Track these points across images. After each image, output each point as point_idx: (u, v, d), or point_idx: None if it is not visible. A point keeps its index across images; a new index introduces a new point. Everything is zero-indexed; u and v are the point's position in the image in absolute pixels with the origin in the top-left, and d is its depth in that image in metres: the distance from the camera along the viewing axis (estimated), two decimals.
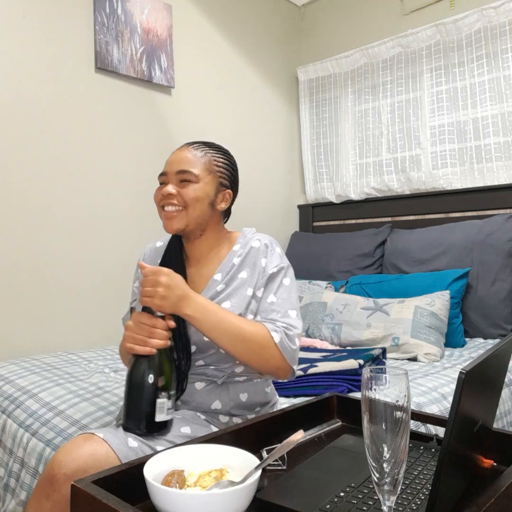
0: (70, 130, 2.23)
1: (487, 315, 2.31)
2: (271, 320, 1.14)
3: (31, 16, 2.10)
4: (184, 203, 1.17)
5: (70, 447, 0.95)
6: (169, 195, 1.17)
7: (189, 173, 1.17)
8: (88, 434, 0.98)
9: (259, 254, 1.20)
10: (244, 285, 1.18)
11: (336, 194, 3.12)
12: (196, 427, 1.10)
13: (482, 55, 2.55)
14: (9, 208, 2.05)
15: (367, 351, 1.81)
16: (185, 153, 1.20)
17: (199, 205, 1.18)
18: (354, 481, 0.81)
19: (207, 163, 1.20)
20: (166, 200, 1.18)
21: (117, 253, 2.37)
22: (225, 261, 1.22)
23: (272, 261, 1.20)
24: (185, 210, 1.17)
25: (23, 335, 2.08)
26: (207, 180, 1.19)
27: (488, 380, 0.77)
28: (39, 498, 0.93)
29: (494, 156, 2.53)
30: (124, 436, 0.99)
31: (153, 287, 1.02)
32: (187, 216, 1.17)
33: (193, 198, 1.17)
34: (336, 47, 3.16)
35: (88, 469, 0.91)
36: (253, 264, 1.20)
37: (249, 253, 1.21)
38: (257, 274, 1.19)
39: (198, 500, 0.68)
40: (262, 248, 1.21)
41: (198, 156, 1.19)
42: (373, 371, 0.64)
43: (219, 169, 1.21)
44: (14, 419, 1.50)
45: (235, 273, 1.20)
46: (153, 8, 2.48)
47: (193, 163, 1.18)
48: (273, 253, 1.21)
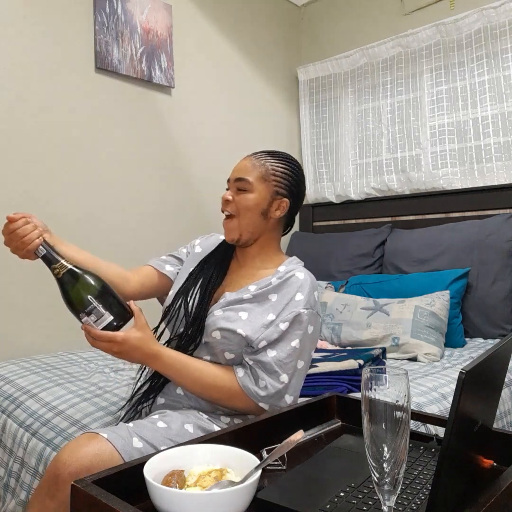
0: (70, 130, 2.23)
1: (487, 315, 2.30)
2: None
3: (31, 16, 2.10)
4: (236, 211, 1.23)
5: (75, 446, 0.95)
6: (226, 201, 1.24)
7: (244, 181, 1.23)
8: (92, 433, 0.98)
9: (298, 286, 1.18)
10: (269, 309, 1.17)
11: (336, 194, 3.12)
12: (198, 426, 1.10)
13: (482, 55, 2.55)
14: (8, 207, 2.05)
15: (367, 351, 1.81)
16: (246, 162, 1.25)
17: (249, 214, 1.22)
18: (354, 481, 0.81)
19: (263, 172, 1.23)
20: (224, 206, 1.25)
21: (117, 253, 2.36)
22: (265, 278, 1.23)
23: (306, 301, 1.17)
24: (236, 218, 1.23)
25: (23, 335, 2.08)
26: (261, 189, 1.23)
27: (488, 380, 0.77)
28: (43, 498, 0.93)
29: (494, 156, 2.53)
30: (129, 436, 0.99)
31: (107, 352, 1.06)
32: (238, 225, 1.23)
33: (244, 207, 1.22)
34: (336, 47, 3.15)
35: (92, 468, 0.91)
36: (287, 292, 1.18)
37: (289, 280, 1.19)
38: (284, 304, 1.17)
39: (198, 500, 0.68)
40: (303, 283, 1.19)
41: (256, 165, 1.24)
42: (373, 371, 0.64)
43: (275, 178, 1.24)
44: (14, 419, 1.50)
45: (267, 292, 1.19)
46: (153, 8, 2.49)
47: (249, 172, 1.23)
48: (310, 293, 1.19)
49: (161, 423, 1.06)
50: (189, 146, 2.70)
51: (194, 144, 2.72)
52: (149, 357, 1.09)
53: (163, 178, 2.59)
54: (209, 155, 2.80)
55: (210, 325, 1.18)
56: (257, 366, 1.13)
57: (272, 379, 1.12)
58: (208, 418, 1.15)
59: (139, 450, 0.98)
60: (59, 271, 1.08)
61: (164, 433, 1.04)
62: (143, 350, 1.07)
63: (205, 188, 2.77)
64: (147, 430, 1.03)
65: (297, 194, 1.27)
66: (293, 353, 1.14)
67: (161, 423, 1.06)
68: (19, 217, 1.08)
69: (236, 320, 1.16)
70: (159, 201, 2.56)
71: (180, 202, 2.66)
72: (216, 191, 2.84)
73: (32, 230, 1.08)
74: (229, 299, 1.21)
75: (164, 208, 2.59)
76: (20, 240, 1.07)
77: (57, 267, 1.08)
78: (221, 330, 1.16)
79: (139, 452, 0.97)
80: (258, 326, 1.15)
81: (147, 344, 1.08)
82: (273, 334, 1.14)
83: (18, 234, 1.07)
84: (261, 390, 1.12)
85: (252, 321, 1.16)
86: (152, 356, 1.09)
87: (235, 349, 1.17)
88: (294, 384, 1.15)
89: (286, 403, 1.13)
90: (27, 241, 1.07)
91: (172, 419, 1.09)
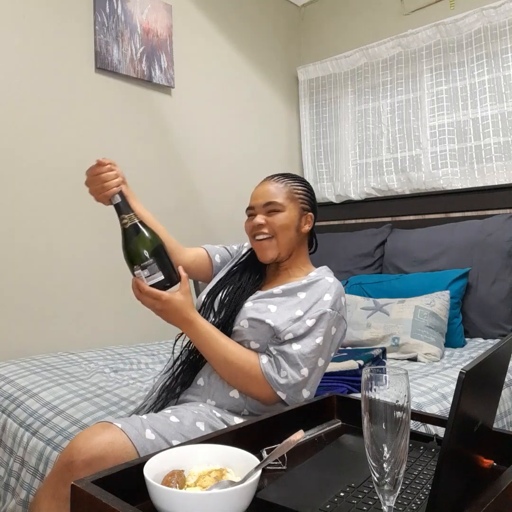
0: (69, 130, 2.23)
1: (487, 315, 2.30)
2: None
3: (31, 16, 2.10)
4: (273, 232, 1.29)
5: (89, 434, 0.96)
6: (259, 226, 1.29)
7: (274, 203, 1.29)
8: (106, 423, 0.99)
9: (326, 288, 1.24)
10: (297, 305, 1.22)
11: (336, 194, 3.12)
12: (210, 425, 1.11)
13: (482, 55, 2.55)
14: (10, 207, 2.05)
15: (367, 351, 1.81)
16: (268, 186, 1.32)
17: (287, 232, 1.29)
18: (354, 481, 0.81)
19: (288, 193, 1.31)
20: (257, 230, 1.30)
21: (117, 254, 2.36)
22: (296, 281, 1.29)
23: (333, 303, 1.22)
24: (275, 238, 1.29)
25: (23, 335, 2.08)
26: (291, 207, 1.30)
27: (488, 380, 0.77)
28: (56, 485, 0.94)
29: (494, 156, 2.53)
30: (142, 427, 1.00)
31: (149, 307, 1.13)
32: (278, 244, 1.29)
33: (281, 226, 1.29)
34: (336, 47, 3.15)
35: (106, 457, 0.92)
36: (315, 292, 1.24)
37: (318, 282, 1.26)
38: (313, 302, 1.22)
39: (198, 500, 0.68)
40: (332, 286, 1.25)
41: (279, 187, 1.31)
42: (373, 371, 0.64)
43: (299, 196, 1.33)
44: (14, 418, 1.50)
45: (296, 290, 1.26)
46: (153, 8, 2.48)
47: (277, 194, 1.30)
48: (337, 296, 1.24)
49: (173, 417, 1.08)
50: (189, 146, 2.70)
51: (194, 144, 2.72)
52: (185, 321, 1.15)
53: (162, 178, 2.59)
54: (209, 155, 2.80)
55: (239, 315, 1.24)
56: (281, 356, 1.17)
57: (293, 371, 1.15)
58: (221, 417, 1.16)
59: (152, 442, 0.99)
60: (127, 222, 1.14)
61: (177, 427, 1.05)
62: (182, 314, 1.13)
63: (205, 188, 2.77)
64: (160, 423, 1.04)
65: (316, 208, 1.38)
66: (316, 349, 1.18)
67: (174, 418, 1.08)
68: (107, 162, 1.16)
69: (265, 311, 1.22)
70: (159, 201, 2.56)
71: (179, 202, 2.66)
72: (216, 191, 2.84)
73: (113, 177, 1.15)
74: (259, 294, 1.28)
75: (163, 208, 2.58)
76: (101, 185, 1.14)
77: (126, 217, 1.14)
78: (250, 320, 1.21)
79: (151, 443, 0.99)
80: (286, 319, 1.20)
81: (187, 309, 1.14)
82: (300, 329, 1.18)
83: (101, 178, 1.14)
84: (281, 378, 1.15)
85: (281, 314, 1.21)
86: (188, 321, 1.15)
87: (261, 339, 1.21)
88: (313, 380, 1.19)
89: (303, 397, 1.17)
90: (107, 186, 1.14)
91: (184, 415, 1.10)
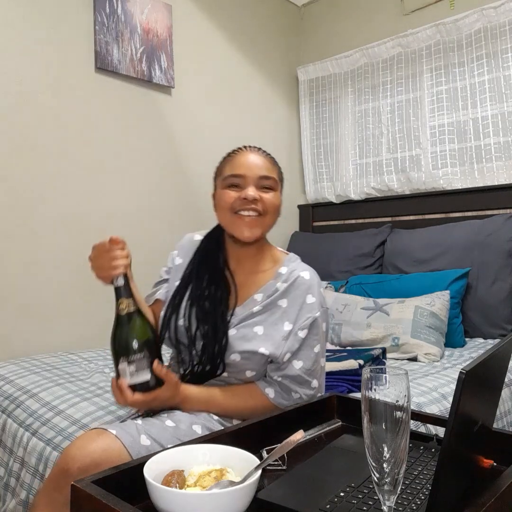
0: (69, 130, 2.23)
1: (487, 315, 2.30)
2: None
3: (31, 17, 2.10)
4: (265, 210, 1.15)
5: (83, 441, 0.95)
6: (253, 200, 1.13)
7: (272, 180, 1.17)
8: (101, 429, 0.99)
9: (306, 288, 1.16)
10: (282, 316, 1.15)
11: (336, 194, 3.12)
12: (207, 428, 1.10)
13: (482, 55, 2.55)
14: (9, 209, 2.05)
15: (367, 351, 1.81)
16: (262, 158, 1.19)
17: (276, 214, 1.19)
18: (354, 481, 0.81)
19: (278, 173, 1.22)
20: (247, 204, 1.14)
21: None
22: (269, 283, 1.19)
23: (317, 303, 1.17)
24: (263, 217, 1.15)
25: (23, 335, 2.08)
26: (279, 189, 1.21)
27: (488, 380, 0.77)
28: (51, 492, 0.94)
29: (494, 156, 2.53)
30: (137, 433, 0.99)
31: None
32: (264, 224, 1.16)
33: (275, 206, 1.17)
34: (336, 47, 3.15)
35: (101, 464, 0.91)
36: (296, 296, 1.16)
37: (295, 282, 1.17)
38: (297, 309, 1.15)
39: (198, 500, 0.68)
40: (310, 283, 1.17)
41: (273, 163, 1.21)
42: (373, 371, 0.64)
43: (282, 178, 1.24)
44: (14, 418, 1.50)
45: (276, 299, 1.16)
46: (153, 8, 2.48)
47: (273, 171, 1.19)
48: (319, 293, 1.19)
49: (169, 422, 1.07)
50: (189, 146, 2.70)
51: (194, 144, 2.72)
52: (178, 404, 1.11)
53: (163, 178, 2.59)
54: (209, 155, 2.80)
55: (227, 348, 1.14)
56: (287, 380, 1.14)
57: (304, 389, 1.15)
58: (218, 419, 1.15)
59: (147, 448, 0.98)
60: (125, 308, 1.04)
61: (173, 432, 1.04)
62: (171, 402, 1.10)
63: (205, 188, 2.76)
64: (155, 428, 1.03)
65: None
66: (317, 357, 1.16)
67: (170, 422, 1.06)
68: (120, 240, 1.08)
69: (253, 337, 1.14)
70: (159, 201, 2.56)
71: (180, 202, 2.65)
72: None
73: (124, 257, 1.07)
74: (240, 316, 1.17)
75: (163, 208, 2.58)
76: (110, 263, 1.05)
77: (125, 302, 1.04)
78: (241, 353, 1.14)
79: (147, 449, 0.98)
80: (278, 340, 1.13)
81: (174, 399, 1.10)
82: (294, 344, 1.13)
83: (111, 255, 1.05)
84: (295, 400, 1.14)
85: (270, 335, 1.14)
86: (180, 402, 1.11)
87: (257, 368, 1.17)
88: (322, 382, 1.19)
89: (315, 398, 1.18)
90: (116, 265, 1.05)
91: (180, 419, 1.09)
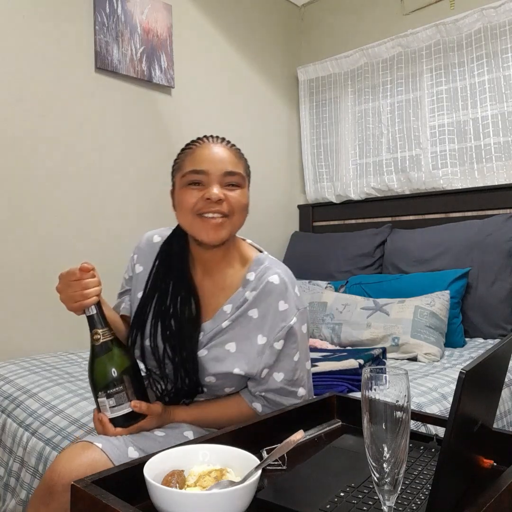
0: (69, 130, 2.23)
1: (487, 315, 2.30)
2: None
3: (31, 16, 2.10)
4: (231, 211, 1.02)
5: (69, 456, 0.93)
6: (218, 201, 1.01)
7: (238, 175, 1.03)
8: (86, 443, 0.96)
9: (276, 295, 1.06)
10: (254, 329, 1.07)
11: (336, 194, 3.12)
12: (200, 433, 1.09)
13: (482, 55, 2.55)
14: (10, 208, 2.05)
15: (367, 351, 1.81)
16: (228, 151, 1.05)
17: (244, 213, 1.06)
18: (354, 481, 0.81)
19: (245, 167, 1.08)
20: (212, 206, 1.01)
21: (117, 253, 2.36)
22: (238, 293, 1.09)
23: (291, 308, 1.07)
24: (229, 218, 1.02)
25: (23, 335, 2.08)
26: (246, 185, 1.07)
27: (488, 380, 0.77)
28: (38, 506, 0.93)
29: (494, 156, 2.53)
30: (124, 446, 0.97)
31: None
32: (230, 225, 1.03)
33: (242, 205, 1.04)
34: (336, 47, 3.15)
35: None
36: (267, 305, 1.06)
37: (265, 289, 1.06)
38: (270, 319, 1.06)
39: (198, 500, 0.68)
40: (281, 288, 1.06)
41: (239, 157, 1.06)
42: (373, 371, 0.64)
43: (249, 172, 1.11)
44: (13, 418, 1.50)
45: (245, 310, 1.07)
46: (153, 8, 2.48)
47: (239, 165, 1.05)
48: (293, 296, 1.08)
49: (158, 431, 1.04)
50: None
51: None
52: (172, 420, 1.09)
53: (162, 178, 2.59)
54: None
55: (200, 370, 1.08)
56: (271, 394, 1.10)
57: (291, 398, 1.11)
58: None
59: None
60: (100, 338, 0.99)
61: (162, 441, 1.01)
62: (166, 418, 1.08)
63: None
64: (143, 438, 1.00)
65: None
66: (298, 365, 1.10)
67: (159, 432, 1.04)
68: (90, 268, 0.99)
69: (226, 357, 1.07)
70: (159, 201, 2.56)
71: None
72: None
73: (95, 285, 0.99)
74: (209, 333, 1.09)
75: (163, 208, 2.58)
76: (80, 292, 0.98)
77: (99, 332, 0.99)
78: (215, 375, 1.08)
79: None
80: (253, 356, 1.06)
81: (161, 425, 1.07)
82: (271, 357, 1.07)
83: (81, 284, 0.98)
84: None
85: (244, 352, 1.07)
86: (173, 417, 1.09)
87: (235, 384, 1.12)
88: (310, 387, 1.17)
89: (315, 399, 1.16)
90: (87, 294, 0.98)
91: (171, 425, 1.07)
